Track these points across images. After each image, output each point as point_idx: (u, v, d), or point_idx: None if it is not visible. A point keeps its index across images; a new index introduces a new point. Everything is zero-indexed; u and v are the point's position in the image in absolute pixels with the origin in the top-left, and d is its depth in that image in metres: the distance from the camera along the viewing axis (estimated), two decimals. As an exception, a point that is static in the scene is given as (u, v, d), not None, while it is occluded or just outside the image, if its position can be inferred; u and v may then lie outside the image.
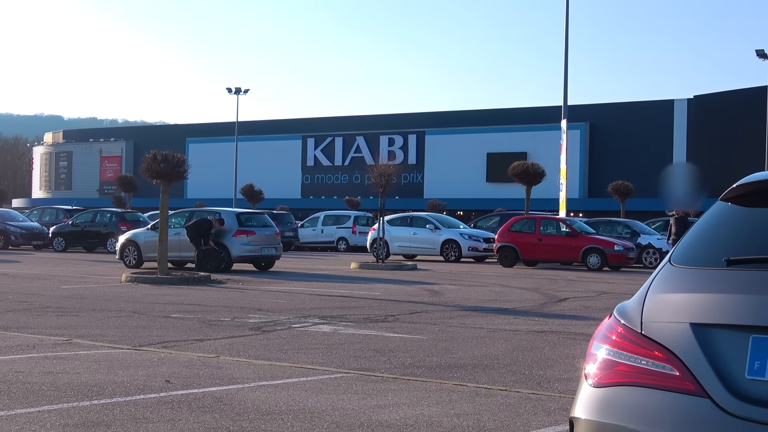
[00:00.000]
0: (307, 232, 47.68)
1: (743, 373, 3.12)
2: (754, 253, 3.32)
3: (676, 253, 3.60)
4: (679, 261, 3.53)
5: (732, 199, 3.68)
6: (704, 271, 3.41)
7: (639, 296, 3.53)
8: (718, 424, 3.06)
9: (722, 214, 3.67)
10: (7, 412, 7.07)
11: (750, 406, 3.04)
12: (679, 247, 3.62)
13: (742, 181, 3.67)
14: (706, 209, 3.86)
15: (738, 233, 3.55)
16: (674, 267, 3.52)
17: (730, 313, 3.20)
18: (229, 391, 8.20)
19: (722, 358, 3.16)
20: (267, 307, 16.56)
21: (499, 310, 16.81)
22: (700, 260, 3.48)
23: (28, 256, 36.60)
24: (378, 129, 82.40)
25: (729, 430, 3.03)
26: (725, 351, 3.17)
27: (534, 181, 39.08)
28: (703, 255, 3.49)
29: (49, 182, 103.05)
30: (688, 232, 3.72)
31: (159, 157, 23.29)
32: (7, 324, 13.30)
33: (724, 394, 3.09)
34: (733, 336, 3.18)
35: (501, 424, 7.01)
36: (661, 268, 3.58)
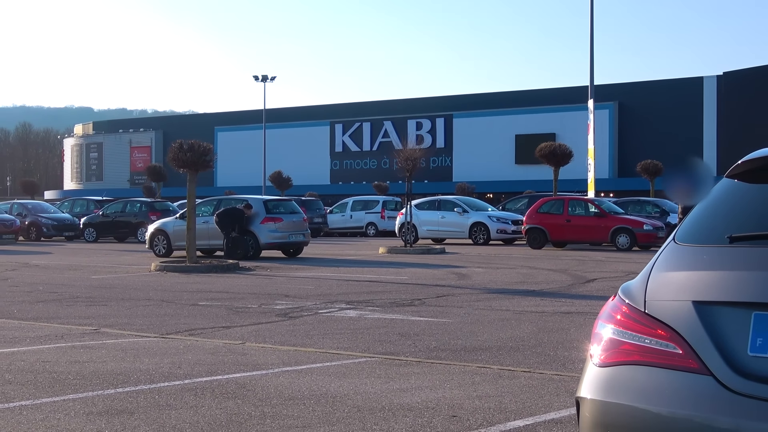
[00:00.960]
0: (335, 217, 47.77)
1: (745, 351, 3.10)
2: (757, 229, 3.30)
3: (680, 231, 3.58)
4: (683, 239, 3.52)
5: (737, 175, 3.65)
6: (707, 249, 3.39)
7: (643, 275, 3.52)
8: (720, 401, 3.05)
9: (727, 191, 3.65)
10: (33, 401, 7.15)
11: (752, 383, 3.02)
12: (683, 225, 3.61)
13: (747, 158, 3.64)
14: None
15: (742, 210, 3.52)
16: (678, 245, 3.51)
17: (733, 290, 3.18)
18: (252, 377, 8.25)
19: (724, 336, 3.14)
20: (294, 293, 16.63)
21: (526, 291, 16.78)
22: (703, 238, 3.46)
23: (59, 247, 36.94)
24: (405, 113, 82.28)
25: (732, 407, 3.03)
26: (727, 328, 3.15)
27: (562, 162, 38.90)
28: (706, 232, 3.47)
29: (80, 174, 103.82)
30: (692, 210, 3.70)
31: (185, 146, 23.39)
32: (37, 315, 13.44)
33: (727, 372, 3.08)
34: (736, 313, 3.16)
35: (522, 406, 7.01)
36: (665, 246, 3.56)
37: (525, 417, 6.64)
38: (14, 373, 8.39)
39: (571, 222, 31.62)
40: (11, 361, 9.07)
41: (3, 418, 6.58)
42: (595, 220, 31.28)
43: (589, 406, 3.39)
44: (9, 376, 8.27)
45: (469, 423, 6.45)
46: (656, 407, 3.18)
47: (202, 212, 27.82)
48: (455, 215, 36.46)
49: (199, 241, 25.04)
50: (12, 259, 27.30)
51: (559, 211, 32.11)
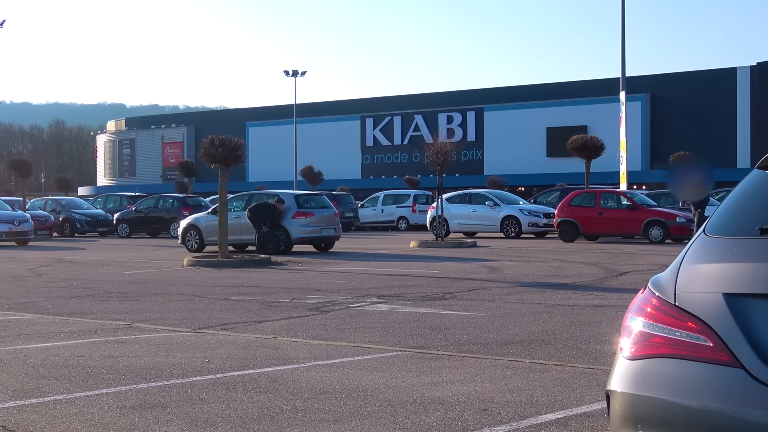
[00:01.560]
0: (367, 212, 47.81)
1: None
2: None
3: (710, 223, 3.56)
4: (713, 231, 3.49)
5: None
6: (737, 241, 3.36)
7: (673, 267, 3.49)
8: (751, 394, 3.03)
9: (758, 183, 3.61)
10: (67, 396, 7.22)
11: None
12: (714, 217, 3.58)
13: None
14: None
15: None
16: (708, 237, 3.48)
17: (763, 282, 3.16)
18: (284, 371, 8.28)
19: (755, 328, 3.12)
20: (325, 287, 16.66)
21: (557, 285, 16.72)
22: (733, 230, 3.43)
23: (93, 242, 37.23)
24: (436, 107, 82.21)
25: (763, 400, 3.00)
26: (758, 320, 3.13)
27: (593, 155, 38.69)
28: (736, 224, 3.44)
29: (113, 170, 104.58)
30: (723, 202, 3.67)
31: (216, 141, 23.49)
32: (71, 310, 13.56)
33: (758, 364, 3.06)
34: (766, 305, 3.13)
35: (554, 399, 6.99)
36: (696, 238, 3.54)
37: (557, 410, 6.62)
38: (49, 368, 8.47)
39: (603, 215, 31.46)
40: (46, 356, 9.16)
41: (38, 412, 6.65)
42: (627, 212, 31.10)
43: (620, 399, 3.37)
44: (43, 370, 8.35)
45: (501, 417, 6.44)
46: (687, 400, 3.16)
47: (234, 207, 27.95)
48: (486, 209, 36.37)
49: (231, 236, 25.15)
50: (46, 255, 27.56)
51: (591, 204, 31.97)
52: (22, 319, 12.41)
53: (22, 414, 6.59)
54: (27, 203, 43.94)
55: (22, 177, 47.82)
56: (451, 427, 6.14)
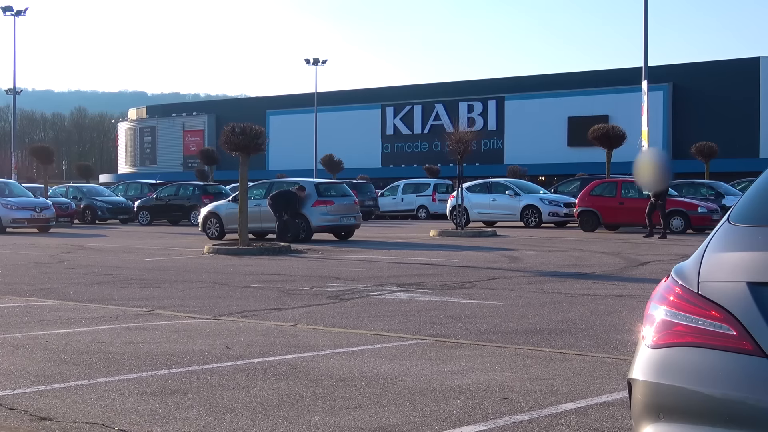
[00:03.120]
0: (387, 201, 47.79)
1: None
2: None
3: (734, 211, 3.53)
4: (738, 219, 3.46)
5: None
6: (762, 229, 3.33)
7: (697, 256, 3.47)
8: None
9: None
10: (88, 381, 7.26)
11: None
12: (738, 205, 3.55)
13: None
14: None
15: None
16: (732, 225, 3.45)
17: None
18: (304, 358, 8.30)
19: None
20: (345, 275, 16.68)
21: (577, 274, 16.68)
22: (758, 218, 3.40)
23: (114, 230, 37.40)
24: (457, 96, 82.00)
25: None
26: None
27: (615, 144, 38.51)
28: (761, 213, 3.41)
29: (135, 157, 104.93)
30: (748, 190, 3.64)
31: (237, 129, 23.52)
32: (92, 296, 13.62)
33: None
34: None
35: (574, 389, 6.97)
36: (720, 226, 3.51)
37: (576, 400, 6.61)
38: (70, 354, 8.52)
39: (624, 204, 31.31)
40: (67, 342, 9.21)
41: (59, 397, 6.69)
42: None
43: (641, 388, 3.36)
44: (65, 356, 8.39)
45: (520, 405, 6.43)
46: (709, 389, 3.14)
47: (254, 195, 27.99)
48: (507, 198, 36.30)
49: (251, 224, 25.20)
50: (68, 242, 27.70)
51: (612, 193, 31.83)
52: (43, 305, 12.48)
53: (44, 399, 6.63)
54: (49, 190, 44.19)
55: (44, 164, 48.07)
56: (471, 415, 6.14)
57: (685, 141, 62.35)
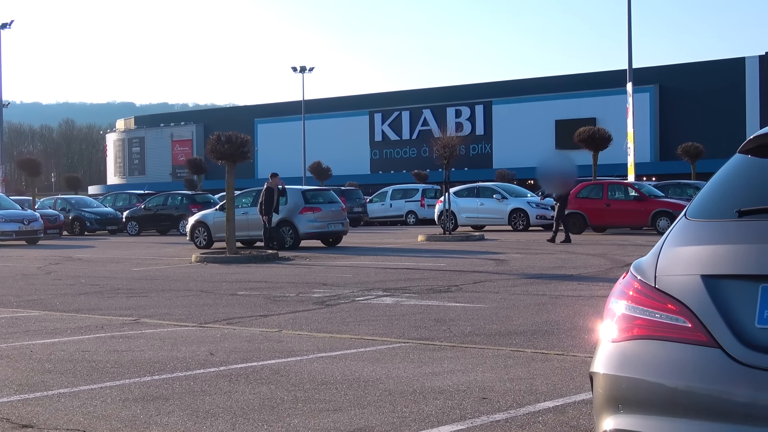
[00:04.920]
0: (375, 207, 47.86)
1: (753, 323, 3.12)
2: (766, 203, 3.31)
3: (691, 207, 3.60)
4: (694, 215, 3.54)
5: (750, 150, 3.66)
6: (716, 223, 3.41)
7: (654, 251, 3.55)
8: (729, 372, 3.08)
9: (738, 167, 3.66)
10: (71, 389, 7.30)
11: (760, 355, 3.05)
12: (695, 201, 3.63)
13: (758, 132, 3.65)
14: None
15: (753, 184, 3.53)
16: (688, 221, 3.53)
17: (740, 263, 3.20)
18: (287, 363, 8.35)
19: (733, 309, 3.17)
20: (332, 281, 16.73)
21: (563, 276, 16.76)
22: (713, 213, 3.47)
23: (102, 240, 37.38)
24: (444, 101, 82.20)
25: (740, 379, 3.05)
26: (735, 301, 3.17)
27: (601, 147, 38.67)
28: (716, 207, 3.49)
29: (123, 168, 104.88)
30: (704, 186, 3.71)
31: (223, 138, 23.58)
32: (79, 306, 13.65)
33: (735, 344, 3.11)
34: (743, 286, 3.18)
35: (553, 388, 7.03)
36: (677, 222, 3.59)
37: (555, 398, 6.67)
38: (54, 363, 8.56)
39: (611, 206, 31.45)
40: (51, 351, 9.24)
41: (41, 405, 6.73)
42: (634, 204, 31.07)
43: (602, 381, 3.43)
44: (49, 365, 8.43)
45: (499, 405, 6.49)
46: (667, 380, 3.21)
47: (242, 203, 28.00)
48: (494, 202, 36.39)
49: (238, 232, 25.23)
50: (56, 254, 27.70)
51: (598, 195, 31.96)
52: (29, 316, 12.50)
53: (26, 407, 6.67)
54: (37, 202, 44.13)
55: (32, 176, 48.04)
56: (450, 415, 6.20)
57: (671, 142, 62.62)
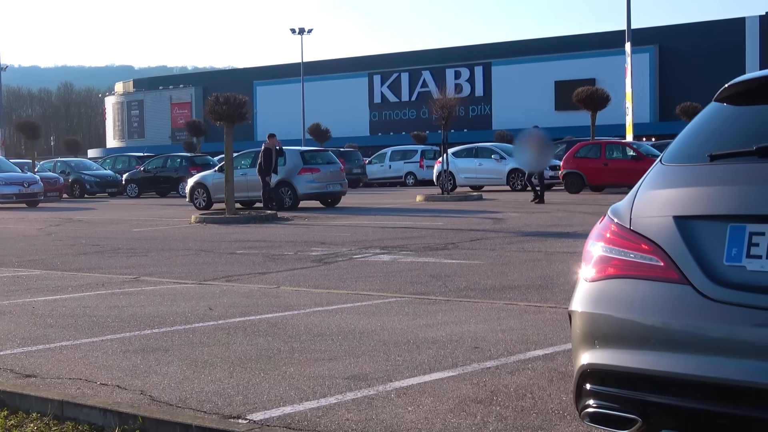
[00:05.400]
0: (374, 168, 47.96)
1: (722, 261, 3.27)
2: (737, 147, 3.44)
3: (666, 152, 3.74)
4: (668, 160, 3.68)
5: (725, 99, 3.78)
6: (689, 168, 3.55)
7: (630, 195, 3.69)
8: (698, 307, 3.23)
9: (713, 114, 3.79)
10: (73, 342, 7.46)
11: (727, 290, 3.19)
12: (670, 147, 3.76)
13: (733, 81, 3.77)
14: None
15: (726, 130, 3.66)
16: (663, 165, 3.67)
17: (710, 204, 3.35)
18: (284, 317, 8.51)
19: (702, 247, 3.31)
20: (330, 240, 16.88)
21: (559, 234, 16.90)
22: (686, 158, 3.61)
23: (102, 203, 37.52)
24: (443, 62, 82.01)
25: (708, 313, 3.20)
26: (705, 240, 3.32)
27: (599, 107, 38.70)
28: (690, 152, 3.63)
29: (123, 131, 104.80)
30: (681, 132, 3.84)
31: (221, 99, 23.65)
32: (79, 266, 13.80)
33: (704, 281, 3.25)
34: (713, 226, 3.33)
35: (544, 338, 7.19)
36: (653, 167, 3.73)
37: (545, 347, 6.83)
38: (56, 318, 8.72)
39: (609, 166, 31.56)
40: (53, 308, 9.40)
41: (44, 356, 6.89)
42: (632, 163, 31.14)
43: (579, 319, 3.58)
44: (51, 320, 8.59)
45: (490, 353, 6.65)
46: (640, 316, 3.36)
47: (241, 165, 28.10)
48: (493, 162, 36.51)
49: (238, 193, 25.36)
50: (56, 215, 27.84)
51: (596, 155, 32.06)
52: (31, 275, 12.66)
53: (29, 359, 6.83)
54: (36, 165, 44.22)
55: (31, 139, 48.15)
56: (442, 363, 6.36)
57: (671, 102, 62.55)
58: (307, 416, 5.08)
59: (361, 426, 4.88)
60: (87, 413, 5.33)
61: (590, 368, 3.48)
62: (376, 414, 5.09)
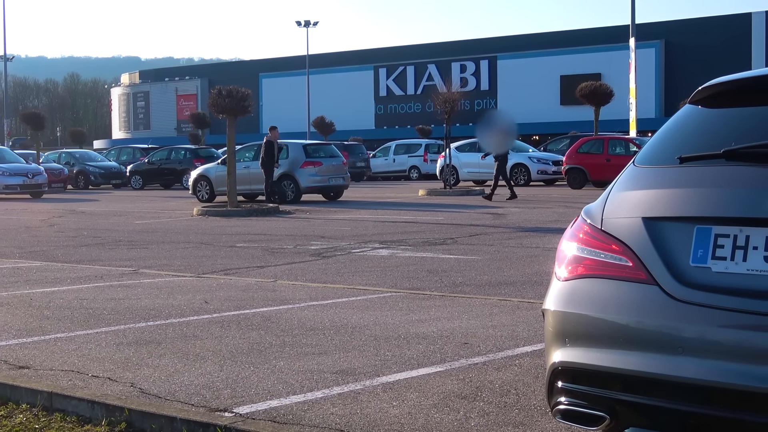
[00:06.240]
0: (378, 161, 48.02)
1: (688, 262, 3.34)
2: (706, 150, 3.51)
3: (639, 155, 3.81)
4: (641, 162, 3.75)
5: (699, 101, 3.84)
6: (659, 169, 3.62)
7: (603, 196, 3.77)
8: (665, 308, 3.30)
9: (686, 117, 3.85)
10: (68, 334, 7.55)
11: (693, 291, 3.26)
12: (643, 149, 3.83)
13: (707, 84, 3.83)
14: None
15: (697, 133, 3.72)
16: (636, 167, 3.74)
17: (677, 205, 3.42)
18: (278, 311, 8.59)
19: (670, 249, 3.38)
20: (330, 234, 16.96)
21: (559, 230, 16.93)
22: (657, 160, 3.68)
23: (106, 194, 37.63)
24: (449, 56, 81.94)
25: (674, 313, 3.27)
26: (673, 241, 3.39)
27: (602, 102, 38.68)
28: (661, 155, 3.69)
29: (128, 123, 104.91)
30: (654, 135, 3.91)
31: (224, 92, 23.73)
32: (80, 258, 13.89)
33: (671, 281, 3.32)
34: (680, 227, 3.40)
35: (534, 334, 7.26)
36: (625, 169, 3.80)
37: (534, 344, 6.89)
38: (52, 310, 8.80)
39: (611, 161, 31.50)
40: (51, 299, 9.49)
41: (38, 348, 6.97)
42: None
43: (551, 317, 3.65)
44: (47, 312, 8.68)
45: (479, 349, 6.72)
46: (609, 315, 3.43)
47: (244, 157, 28.18)
48: (495, 157, 36.47)
49: (240, 186, 25.44)
50: (60, 207, 27.95)
51: (599, 150, 32.07)
52: (31, 267, 12.75)
53: (23, 350, 6.92)
54: (41, 156, 44.33)
55: (36, 130, 48.22)
56: (430, 358, 6.43)
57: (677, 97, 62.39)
58: (293, 410, 5.15)
59: (345, 420, 4.95)
60: (75, 405, 5.41)
61: (561, 366, 3.56)
62: (360, 408, 5.17)
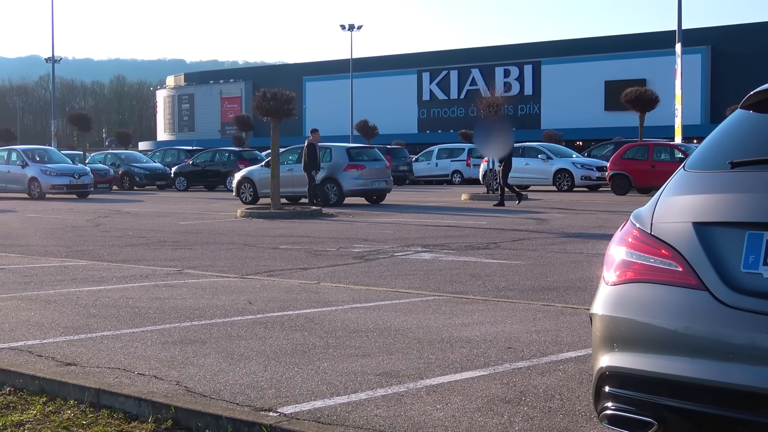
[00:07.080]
0: (421, 166, 47.99)
1: (739, 267, 3.31)
2: (759, 155, 3.48)
3: (689, 159, 3.79)
4: (691, 166, 3.73)
5: (750, 106, 3.81)
6: (710, 174, 3.59)
7: (653, 201, 3.75)
8: (715, 313, 3.27)
9: (738, 121, 3.82)
10: (114, 332, 7.62)
11: (744, 297, 3.23)
12: (694, 153, 3.81)
13: (758, 89, 3.80)
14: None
15: (749, 138, 3.69)
16: (686, 172, 3.72)
17: (729, 211, 3.39)
18: (322, 312, 8.61)
19: (720, 254, 3.35)
20: (373, 237, 16.98)
21: (603, 235, 16.83)
22: (708, 164, 3.66)
23: (151, 195, 37.96)
24: (493, 60, 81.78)
25: (724, 319, 3.24)
26: (723, 247, 3.36)
27: (647, 108, 38.39)
28: (712, 159, 3.67)
29: (173, 124, 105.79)
30: (705, 139, 3.88)
31: (268, 94, 23.84)
32: (125, 257, 14.03)
33: (721, 287, 3.29)
34: (731, 233, 3.37)
35: (578, 339, 7.22)
36: (675, 174, 3.77)
37: (578, 349, 6.86)
38: (99, 308, 8.90)
39: (656, 168, 31.28)
40: (97, 298, 9.59)
41: (85, 345, 7.05)
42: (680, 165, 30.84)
43: (599, 321, 3.64)
44: (94, 310, 8.77)
45: (523, 354, 6.70)
46: (658, 321, 3.41)
47: (287, 160, 28.31)
48: (539, 162, 36.40)
49: (283, 188, 25.55)
50: (105, 207, 28.24)
51: (643, 156, 31.83)
52: (77, 265, 12.89)
53: (70, 347, 7.00)
54: (87, 157, 44.83)
55: (82, 131, 48.77)
56: (474, 362, 6.42)
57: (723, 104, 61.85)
58: (337, 411, 5.17)
59: (389, 422, 4.96)
60: (122, 402, 5.47)
61: (609, 371, 3.54)
62: (404, 411, 5.17)
